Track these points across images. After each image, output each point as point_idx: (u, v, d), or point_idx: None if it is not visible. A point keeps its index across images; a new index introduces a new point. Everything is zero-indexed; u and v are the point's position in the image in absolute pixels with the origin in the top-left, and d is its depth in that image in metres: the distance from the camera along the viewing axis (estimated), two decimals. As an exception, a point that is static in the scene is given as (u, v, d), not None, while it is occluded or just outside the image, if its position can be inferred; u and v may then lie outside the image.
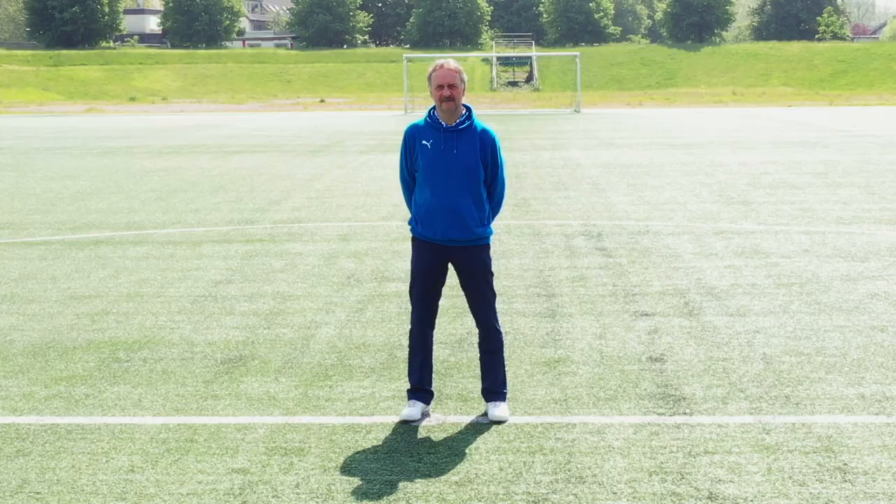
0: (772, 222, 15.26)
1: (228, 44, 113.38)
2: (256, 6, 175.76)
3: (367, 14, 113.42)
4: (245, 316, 9.90)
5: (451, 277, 7.08)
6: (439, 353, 8.41)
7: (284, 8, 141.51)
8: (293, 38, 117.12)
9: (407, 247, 7.22)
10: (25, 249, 13.80)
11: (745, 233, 14.30)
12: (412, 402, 6.96)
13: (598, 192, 19.24)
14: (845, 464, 6.03)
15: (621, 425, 6.74)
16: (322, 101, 79.27)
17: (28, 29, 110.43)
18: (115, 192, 20.32)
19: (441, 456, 6.26)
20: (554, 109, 60.16)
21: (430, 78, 6.76)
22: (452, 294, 8.26)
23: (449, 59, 6.81)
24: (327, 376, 7.90)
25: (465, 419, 6.92)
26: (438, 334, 8.78)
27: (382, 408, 7.16)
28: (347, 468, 6.08)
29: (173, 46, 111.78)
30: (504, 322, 9.21)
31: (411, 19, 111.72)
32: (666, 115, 51.80)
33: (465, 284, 6.95)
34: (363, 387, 7.63)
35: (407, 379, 7.16)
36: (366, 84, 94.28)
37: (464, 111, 6.81)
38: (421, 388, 6.98)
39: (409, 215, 7.10)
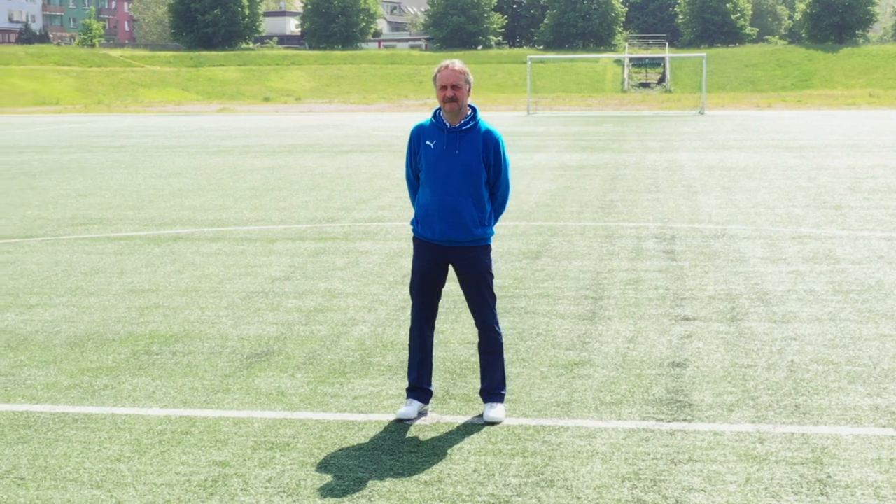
0: (856, 227, 14.81)
1: (364, 45, 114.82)
2: (395, 8, 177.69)
3: (501, 16, 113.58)
4: (288, 312, 10.04)
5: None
6: (459, 352, 8.43)
7: (422, 10, 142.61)
8: (427, 39, 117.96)
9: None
10: (107, 244, 14.22)
11: (824, 238, 13.92)
12: (409, 400, 6.98)
13: (689, 195, 18.94)
14: (828, 476, 5.85)
15: (615, 430, 6.64)
16: (450, 101, 79.54)
17: (172, 31, 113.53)
18: (213, 190, 20.79)
19: (421, 455, 6.26)
20: (679, 111, 59.32)
21: (435, 79, 6.78)
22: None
23: (455, 61, 6.80)
24: (343, 373, 7.97)
25: (461, 419, 6.91)
26: (461, 333, 8.82)
27: (384, 406, 7.19)
28: (325, 464, 6.13)
29: (311, 48, 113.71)
30: (539, 324, 9.21)
31: (545, 21, 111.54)
32: (792, 118, 50.63)
33: (464, 285, 6.93)
34: (373, 385, 7.67)
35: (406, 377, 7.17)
36: (496, 85, 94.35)
37: (469, 112, 6.80)
38: (418, 387, 6.99)
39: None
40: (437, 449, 6.36)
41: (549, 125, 45.70)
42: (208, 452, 6.35)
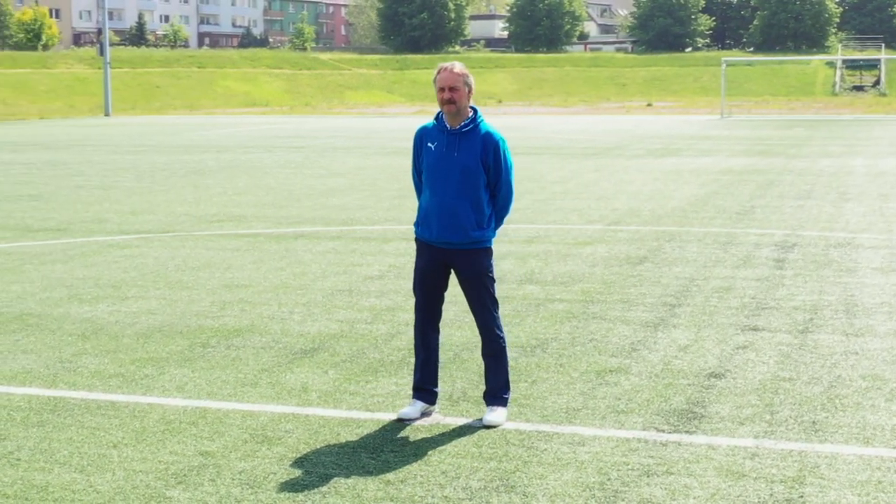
0: None
1: (569, 48, 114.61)
2: (605, 10, 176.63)
3: (709, 17, 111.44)
4: (360, 310, 10.19)
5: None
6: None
7: (630, 12, 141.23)
8: (633, 42, 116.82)
9: (575, 251, 7.11)
10: (230, 241, 14.72)
11: (954, 249, 13.18)
12: (413, 400, 7.01)
13: (839, 202, 18.22)
14: (801, 496, 5.58)
15: (608, 439, 6.51)
16: (649, 104, 78.63)
17: (380, 35, 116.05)
18: (362, 190, 21.20)
19: (400, 455, 6.28)
20: (885, 115, 56.92)
21: (434, 81, 6.79)
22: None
23: (455, 63, 6.78)
24: (375, 372, 8.05)
25: (462, 421, 6.89)
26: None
27: (396, 405, 7.23)
28: (302, 460, 6.22)
29: (516, 50, 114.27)
30: (598, 329, 9.09)
31: (755, 22, 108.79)
32: None
33: (463, 287, 6.91)
34: (398, 384, 7.72)
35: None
36: (700, 88, 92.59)
37: (469, 114, 6.78)
38: (422, 388, 7.00)
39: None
40: (418, 450, 6.37)
41: (737, 129, 44.62)
42: (202, 443, 6.53)
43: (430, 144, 6.80)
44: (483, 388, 7.16)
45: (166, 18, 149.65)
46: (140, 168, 27.59)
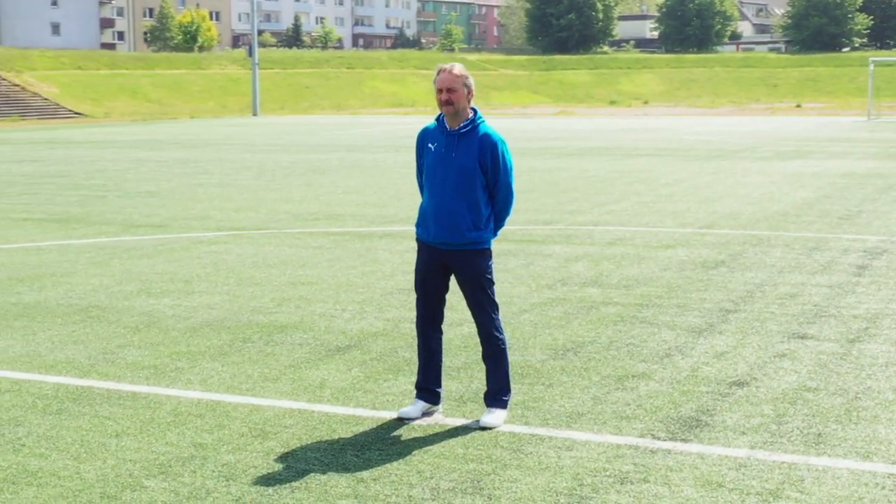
0: None
1: (719, 48, 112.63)
2: (761, 10, 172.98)
3: (866, 16, 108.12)
4: (412, 310, 10.20)
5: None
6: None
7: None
8: (787, 41, 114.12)
9: (653, 254, 7.07)
10: (317, 239, 14.96)
11: None
12: (415, 400, 7.03)
13: (953, 208, 17.52)
14: (770, 510, 5.42)
15: (598, 444, 6.42)
16: (798, 105, 76.76)
17: (527, 35, 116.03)
18: (467, 190, 21.22)
19: (385, 454, 6.31)
20: None
21: (434, 82, 6.81)
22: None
23: (455, 64, 6.78)
24: (397, 371, 8.09)
25: (461, 422, 6.88)
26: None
27: (402, 404, 7.24)
28: (287, 455, 6.30)
29: (666, 51, 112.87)
30: (641, 334, 8.99)
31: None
32: None
33: (461, 288, 6.90)
34: (412, 383, 7.71)
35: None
36: (856, 88, 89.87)
37: (469, 115, 6.77)
38: (424, 388, 7.02)
39: None
40: (404, 449, 6.39)
41: (881, 131, 43.23)
42: (199, 435, 6.68)
43: (430, 145, 6.81)
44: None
45: (322, 20, 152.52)
46: (264, 166, 28.22)
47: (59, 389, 7.71)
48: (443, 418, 6.95)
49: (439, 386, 7.05)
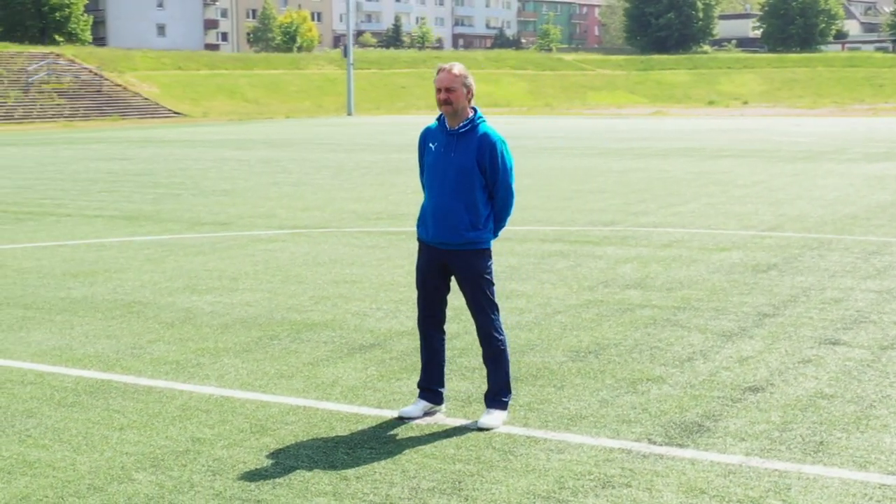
0: None
1: (823, 47, 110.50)
2: (870, 8, 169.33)
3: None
4: (448, 310, 10.21)
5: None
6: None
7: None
8: (894, 41, 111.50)
9: (705, 257, 7.04)
10: (373, 238, 15.05)
11: None
12: (417, 399, 7.04)
13: None
14: (746, 518, 5.32)
15: (591, 447, 6.35)
16: (902, 106, 74.95)
17: (625, 35, 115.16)
18: (540, 191, 21.19)
19: (376, 452, 6.33)
20: None
21: (434, 81, 6.81)
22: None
23: (455, 64, 6.78)
24: (413, 370, 8.06)
25: (460, 422, 6.87)
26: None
27: (409, 403, 7.26)
28: (279, 452, 6.36)
29: (769, 50, 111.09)
30: (668, 338, 8.89)
31: None
32: None
33: (460, 288, 6.89)
34: (425, 383, 7.74)
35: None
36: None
37: (469, 115, 6.76)
38: (426, 388, 7.02)
39: None
40: (395, 448, 6.40)
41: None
42: (200, 430, 6.77)
43: (431, 145, 6.82)
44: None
45: (422, 20, 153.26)
46: (343, 166, 28.47)
47: (80, 382, 7.87)
48: (444, 418, 6.94)
49: (441, 386, 7.04)
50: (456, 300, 7.28)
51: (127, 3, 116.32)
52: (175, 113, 71.62)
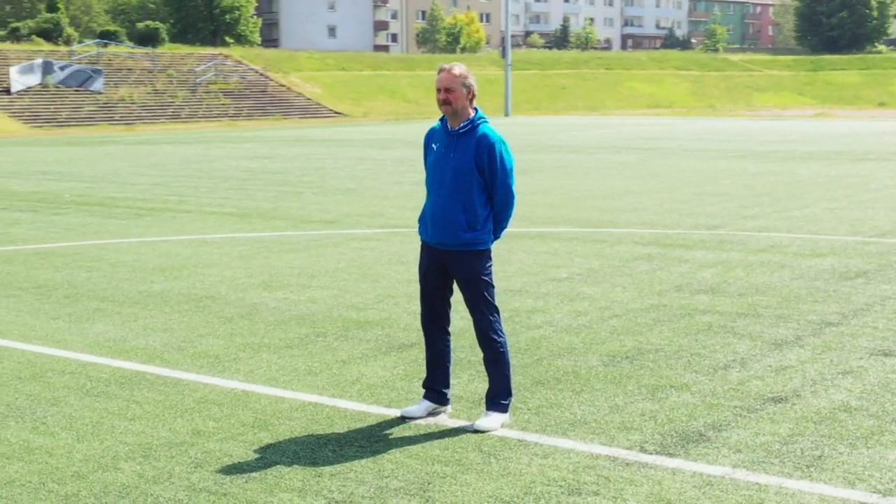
0: None
1: None
2: None
3: None
4: (504, 312, 10.16)
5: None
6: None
7: None
8: None
9: (795, 262, 7.04)
10: (466, 238, 15.03)
11: None
12: (422, 399, 7.04)
13: None
14: (699, 532, 5.16)
15: (579, 454, 6.25)
16: None
17: (795, 34, 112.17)
18: (658, 193, 20.87)
19: (362, 451, 6.36)
20: None
21: (435, 82, 6.82)
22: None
23: (456, 64, 6.76)
24: (439, 370, 8.08)
25: (461, 423, 6.84)
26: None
27: (417, 402, 7.27)
28: (269, 447, 6.44)
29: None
30: (713, 345, 8.73)
31: None
32: None
33: (459, 289, 6.86)
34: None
35: (431, 377, 7.20)
36: None
37: (470, 115, 6.74)
38: (430, 388, 7.01)
39: None
40: (381, 447, 6.42)
41: None
42: (204, 423, 6.92)
43: (433, 145, 6.82)
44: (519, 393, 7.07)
45: (592, 21, 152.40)
46: (474, 166, 28.49)
47: (116, 373, 8.13)
48: (446, 419, 6.93)
49: (446, 387, 7.02)
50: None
51: (299, 5, 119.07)
52: (336, 113, 72.97)
